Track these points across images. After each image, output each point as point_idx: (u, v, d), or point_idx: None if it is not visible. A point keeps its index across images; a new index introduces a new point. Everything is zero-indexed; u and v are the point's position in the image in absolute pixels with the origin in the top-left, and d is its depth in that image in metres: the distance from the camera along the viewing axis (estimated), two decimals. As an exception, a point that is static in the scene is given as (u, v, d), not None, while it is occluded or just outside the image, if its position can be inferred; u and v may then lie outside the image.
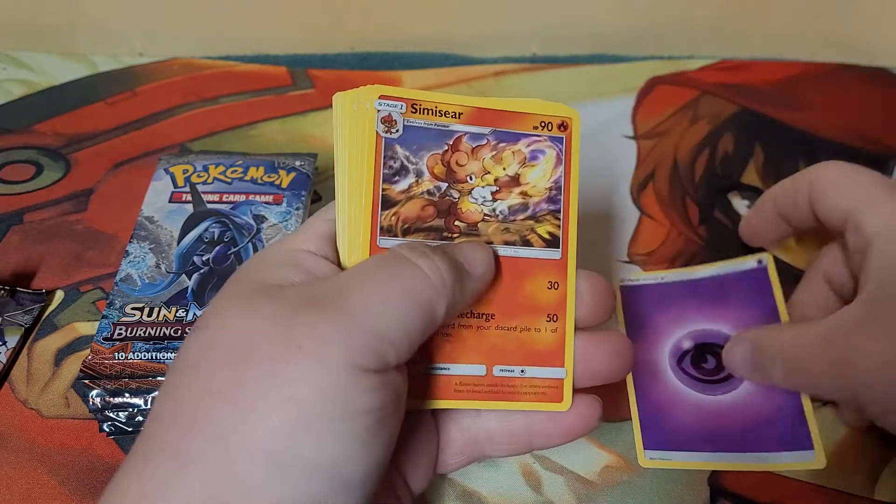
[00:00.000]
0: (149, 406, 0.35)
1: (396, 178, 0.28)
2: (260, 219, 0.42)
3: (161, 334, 0.36)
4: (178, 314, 0.37)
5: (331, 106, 0.28)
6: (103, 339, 0.35)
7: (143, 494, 0.22)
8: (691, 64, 0.61)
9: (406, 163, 0.28)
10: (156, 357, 0.35)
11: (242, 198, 0.43)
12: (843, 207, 0.33)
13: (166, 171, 0.44)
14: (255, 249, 0.40)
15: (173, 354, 0.35)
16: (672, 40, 0.65)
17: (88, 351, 0.35)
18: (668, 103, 0.57)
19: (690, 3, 0.64)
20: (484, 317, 0.28)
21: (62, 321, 0.42)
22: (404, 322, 0.24)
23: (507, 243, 0.28)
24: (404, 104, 0.28)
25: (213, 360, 0.23)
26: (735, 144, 0.53)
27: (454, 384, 0.28)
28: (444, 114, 0.28)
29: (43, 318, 0.42)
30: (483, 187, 0.28)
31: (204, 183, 0.44)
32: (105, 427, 0.36)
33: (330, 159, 0.52)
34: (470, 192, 0.28)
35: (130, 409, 0.36)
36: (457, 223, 0.28)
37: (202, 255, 0.40)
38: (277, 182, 0.44)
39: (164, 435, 0.22)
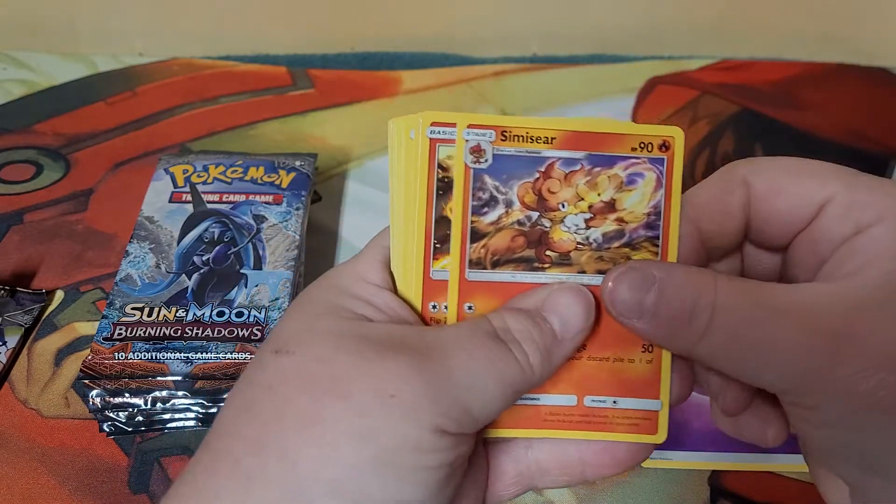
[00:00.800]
0: (149, 406, 0.35)
1: (485, 209, 0.27)
2: (260, 219, 0.42)
3: (161, 334, 0.36)
4: (178, 314, 0.37)
5: (331, 106, 0.28)
6: (103, 339, 0.35)
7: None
8: (691, 64, 0.61)
9: (495, 193, 0.27)
10: (156, 357, 0.35)
11: (242, 198, 0.43)
12: (815, 196, 0.28)
13: (166, 171, 0.44)
14: (256, 249, 0.40)
15: (173, 354, 0.35)
16: (672, 40, 0.65)
17: (88, 351, 0.35)
18: (668, 103, 0.57)
19: (690, 3, 0.64)
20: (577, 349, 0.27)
21: (62, 321, 0.42)
22: (493, 403, 0.24)
23: (600, 272, 0.27)
24: (493, 132, 0.27)
25: (294, 386, 0.23)
26: (735, 144, 0.53)
27: (544, 414, 0.28)
28: (536, 139, 0.27)
29: (43, 318, 0.42)
30: (576, 215, 0.27)
31: (204, 183, 0.44)
32: (105, 427, 0.36)
33: (330, 159, 0.52)
34: (562, 221, 0.27)
35: (130, 409, 0.36)
36: (548, 253, 0.27)
37: (202, 255, 0.40)
38: (277, 182, 0.44)
39: (231, 451, 0.23)
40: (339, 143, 0.54)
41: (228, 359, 0.35)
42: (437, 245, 0.27)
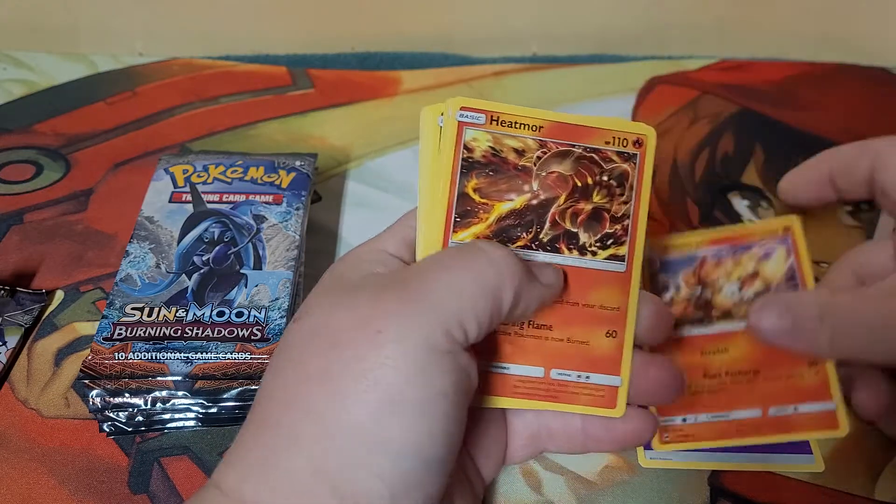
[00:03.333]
0: (149, 406, 0.35)
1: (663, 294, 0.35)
2: (260, 219, 0.42)
3: (161, 334, 0.36)
4: (178, 314, 0.37)
5: (331, 106, 0.28)
6: (103, 339, 0.35)
7: (265, 461, 0.24)
8: (691, 64, 0.61)
9: (669, 282, 0.35)
10: (156, 357, 0.35)
11: (242, 198, 0.43)
12: None
13: (166, 171, 0.44)
14: (256, 249, 0.40)
15: (173, 354, 0.35)
16: (672, 40, 0.65)
17: (88, 351, 0.35)
18: (668, 103, 0.57)
19: (690, 3, 0.65)
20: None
21: (62, 321, 0.42)
22: (473, 305, 0.25)
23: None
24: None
25: (305, 347, 0.25)
26: (735, 144, 0.53)
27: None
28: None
29: (43, 318, 0.42)
30: (730, 283, 0.35)
31: (204, 183, 0.44)
32: (105, 427, 0.36)
33: (330, 159, 0.52)
34: (720, 290, 0.35)
35: (130, 409, 0.36)
36: (713, 313, 0.34)
37: (202, 255, 0.40)
38: (277, 182, 0.44)
39: (272, 413, 0.25)
40: (338, 143, 0.54)
41: (228, 359, 0.35)
42: (458, 219, 0.29)
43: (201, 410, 0.36)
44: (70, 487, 0.34)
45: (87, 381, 0.35)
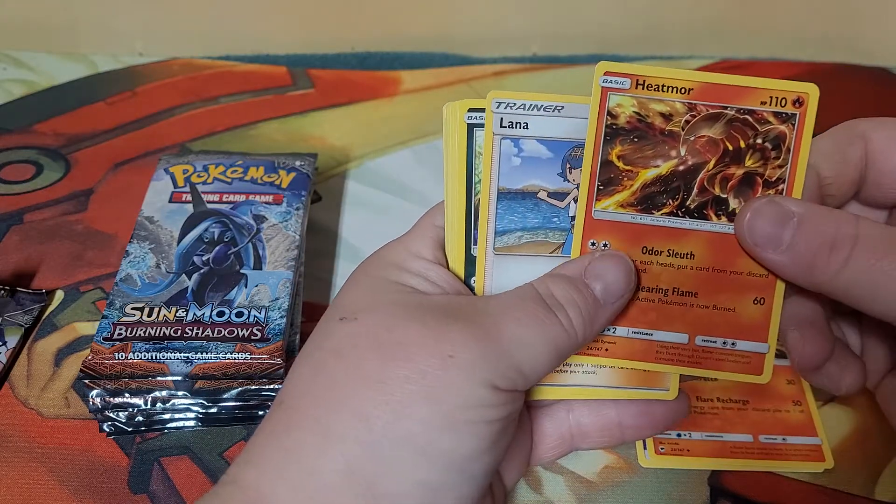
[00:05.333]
0: (149, 406, 0.35)
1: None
2: (260, 219, 0.42)
3: (161, 334, 0.36)
4: (178, 314, 0.37)
5: (331, 106, 0.28)
6: (103, 339, 0.35)
7: (288, 458, 0.24)
8: (691, 64, 0.61)
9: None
10: (156, 357, 0.35)
11: (242, 198, 0.43)
12: None
13: (166, 171, 0.44)
14: (255, 249, 0.40)
15: (173, 354, 0.35)
16: (672, 40, 0.65)
17: (88, 351, 0.35)
18: (668, 103, 0.57)
19: (690, 3, 0.65)
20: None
21: (62, 321, 0.42)
22: (541, 363, 0.26)
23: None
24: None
25: (362, 350, 0.25)
26: (735, 144, 0.53)
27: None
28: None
29: (43, 318, 0.42)
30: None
31: (204, 183, 0.44)
32: (105, 427, 0.36)
33: (330, 159, 0.52)
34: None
35: (130, 409, 0.36)
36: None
37: (202, 255, 0.40)
38: (277, 182, 0.44)
39: (309, 410, 0.25)
40: (338, 143, 0.54)
41: (228, 359, 0.35)
42: (601, 187, 0.29)
43: (201, 410, 0.36)
44: (70, 487, 0.34)
45: (87, 381, 0.35)
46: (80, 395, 0.36)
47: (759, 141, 0.28)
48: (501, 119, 0.29)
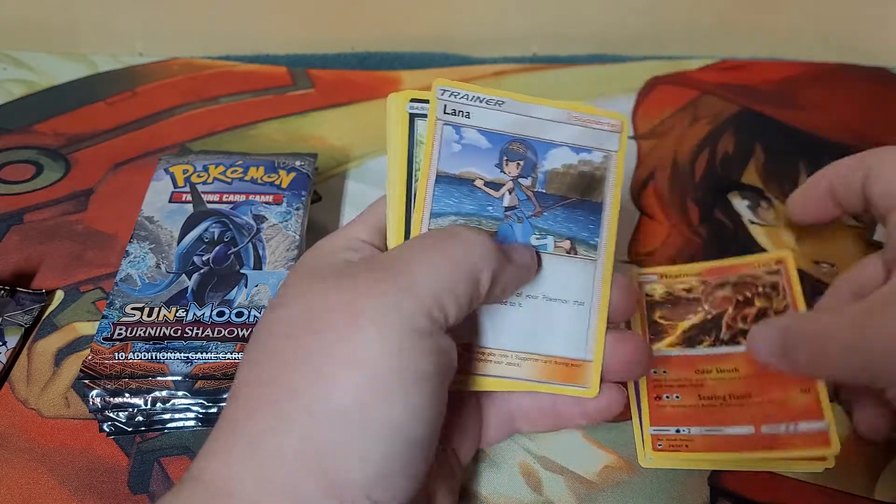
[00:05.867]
0: (149, 406, 0.35)
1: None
2: (260, 219, 0.42)
3: (161, 334, 0.36)
4: (178, 314, 0.37)
5: (330, 106, 0.29)
6: (103, 339, 0.35)
7: (250, 446, 0.24)
8: (691, 64, 0.61)
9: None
10: (156, 357, 0.35)
11: (242, 198, 0.43)
12: (891, 190, 0.33)
13: (166, 171, 0.44)
14: (255, 249, 0.40)
15: (173, 354, 0.35)
16: (672, 40, 0.65)
17: (88, 351, 0.35)
18: (668, 103, 0.57)
19: (690, 3, 0.65)
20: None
21: (62, 321, 0.42)
22: (452, 286, 0.26)
23: None
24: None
25: (289, 331, 0.25)
26: (735, 144, 0.53)
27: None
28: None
29: (43, 318, 0.42)
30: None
31: (204, 183, 0.44)
32: (105, 427, 0.36)
33: (330, 159, 0.52)
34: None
35: (130, 409, 0.36)
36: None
37: (202, 255, 0.40)
38: (277, 182, 0.44)
39: (257, 398, 0.25)
40: (338, 143, 0.54)
41: (228, 359, 0.35)
42: (652, 337, 0.37)
43: (201, 410, 0.36)
44: (70, 487, 0.34)
45: (87, 381, 0.35)
46: (80, 395, 0.36)
47: (760, 289, 0.37)
48: (445, 106, 0.30)
